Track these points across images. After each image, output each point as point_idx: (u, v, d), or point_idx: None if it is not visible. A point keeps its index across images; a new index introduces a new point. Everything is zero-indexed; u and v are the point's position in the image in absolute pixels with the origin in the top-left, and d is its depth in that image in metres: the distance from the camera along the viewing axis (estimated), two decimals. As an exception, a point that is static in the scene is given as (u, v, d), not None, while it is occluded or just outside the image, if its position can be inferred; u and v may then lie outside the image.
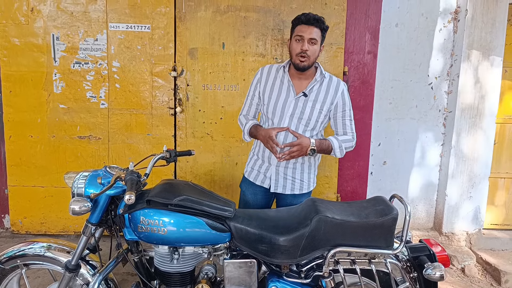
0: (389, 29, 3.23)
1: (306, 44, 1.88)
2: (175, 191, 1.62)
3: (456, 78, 3.23)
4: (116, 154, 3.15)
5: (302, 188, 2.09)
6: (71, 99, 3.08)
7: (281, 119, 2.00)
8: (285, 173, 2.06)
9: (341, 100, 2.04)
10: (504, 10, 3.14)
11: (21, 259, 1.73)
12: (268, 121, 2.07)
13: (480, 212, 3.34)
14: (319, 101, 1.99)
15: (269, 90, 2.04)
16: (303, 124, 2.00)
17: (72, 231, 3.21)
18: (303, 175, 2.08)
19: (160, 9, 3.00)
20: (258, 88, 2.09)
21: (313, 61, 1.95)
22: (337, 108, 2.04)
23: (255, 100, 2.12)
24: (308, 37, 1.88)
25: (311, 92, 2.00)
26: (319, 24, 1.90)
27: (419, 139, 3.39)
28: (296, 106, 1.98)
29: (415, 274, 1.64)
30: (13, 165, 3.12)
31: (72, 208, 1.48)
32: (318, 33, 1.91)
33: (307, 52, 1.89)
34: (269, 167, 2.07)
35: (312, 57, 1.92)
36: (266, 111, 2.06)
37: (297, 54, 1.91)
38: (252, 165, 2.16)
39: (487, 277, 2.99)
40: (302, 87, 2.00)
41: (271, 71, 2.07)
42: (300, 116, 1.98)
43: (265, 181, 2.10)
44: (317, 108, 1.99)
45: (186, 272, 1.69)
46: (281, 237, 1.55)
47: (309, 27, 1.89)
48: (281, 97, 2.00)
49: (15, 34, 2.99)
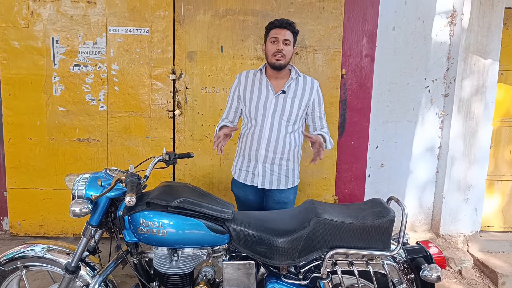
0: (386, 32, 3.26)
1: (281, 44, 2.05)
2: (174, 193, 1.63)
3: (452, 81, 3.26)
4: (115, 156, 3.16)
5: (287, 183, 2.21)
6: (70, 102, 3.09)
7: (264, 117, 2.13)
8: (271, 169, 2.17)
9: (317, 96, 2.21)
10: (500, 14, 3.17)
11: (21, 261, 1.73)
12: (251, 121, 2.18)
13: (477, 214, 3.37)
14: (297, 97, 2.15)
15: (249, 92, 2.18)
16: (285, 120, 2.13)
17: (71, 233, 3.22)
18: (288, 171, 2.21)
19: (159, 12, 3.02)
20: (237, 92, 2.23)
21: (288, 60, 2.11)
22: (314, 104, 2.21)
23: (234, 104, 2.26)
24: (282, 38, 2.06)
25: (289, 89, 2.15)
26: (291, 28, 2.09)
27: (416, 142, 3.41)
28: (277, 103, 2.12)
29: (412, 275, 1.65)
30: (12, 168, 3.13)
31: (73, 210, 1.49)
32: (290, 35, 2.09)
33: (283, 51, 2.05)
34: (256, 165, 2.18)
35: (287, 56, 2.08)
36: (248, 112, 2.18)
37: (273, 54, 2.07)
38: (239, 166, 2.26)
39: (484, 279, 3.01)
40: (280, 86, 2.15)
41: (249, 75, 2.22)
42: (282, 112, 2.12)
43: (254, 179, 2.20)
44: (296, 104, 2.14)
45: (185, 273, 1.70)
46: (280, 239, 1.57)
47: (283, 30, 2.07)
48: (262, 96, 2.14)
49: (15, 37, 3.00)
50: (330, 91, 3.14)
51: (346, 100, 3.26)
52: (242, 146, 2.24)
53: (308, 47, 3.10)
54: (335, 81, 3.14)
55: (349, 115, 3.28)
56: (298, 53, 3.11)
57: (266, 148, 2.13)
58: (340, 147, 3.27)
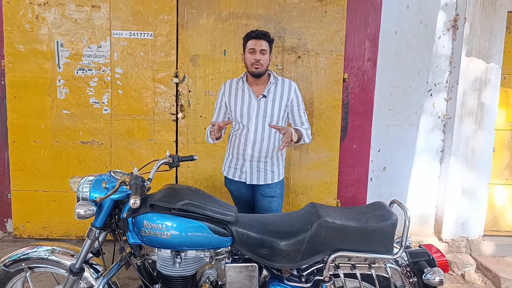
0: (388, 36, 3.27)
1: (258, 54, 2.21)
2: (178, 196, 1.65)
3: (455, 85, 3.27)
4: (118, 159, 3.18)
5: (274, 178, 2.38)
6: (74, 105, 3.11)
7: (249, 120, 2.31)
8: (258, 166, 2.34)
9: (295, 96, 2.36)
10: (503, 18, 3.18)
11: (26, 262, 1.75)
12: (238, 124, 2.35)
13: (480, 219, 3.36)
14: (277, 100, 2.32)
15: (233, 99, 2.35)
16: (268, 121, 2.31)
17: (74, 235, 3.23)
18: (273, 167, 2.38)
19: (163, 16, 3.05)
20: (223, 100, 2.40)
21: (266, 68, 2.27)
22: (293, 104, 2.36)
23: (222, 110, 2.43)
24: (259, 48, 2.22)
25: (269, 93, 2.32)
26: (266, 38, 2.24)
27: (419, 146, 3.41)
28: (259, 107, 2.30)
29: (414, 279, 1.65)
30: (16, 170, 3.15)
31: (78, 212, 1.50)
32: (266, 44, 2.24)
33: (260, 61, 2.21)
34: (244, 163, 2.35)
35: (265, 64, 2.25)
36: (234, 116, 2.36)
37: (252, 64, 2.23)
38: (228, 164, 2.44)
39: (487, 284, 3.00)
40: (260, 91, 2.32)
41: (232, 84, 2.39)
42: (264, 115, 2.30)
43: (242, 176, 2.37)
44: (277, 106, 2.31)
45: (188, 276, 1.71)
46: (282, 242, 1.58)
47: (259, 40, 2.22)
48: (245, 102, 2.32)
49: (20, 41, 3.03)
50: (332, 94, 3.15)
51: (348, 104, 3.27)
52: (231, 146, 2.42)
53: (311, 50, 3.12)
54: (337, 85, 3.15)
55: (351, 118, 3.29)
56: (301, 57, 3.12)
57: (252, 148, 2.31)
58: (342, 151, 3.28)
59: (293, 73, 3.14)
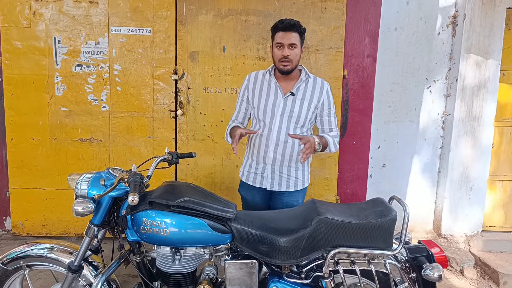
0: (388, 33, 3.26)
1: (286, 49, 1.97)
2: (177, 193, 1.64)
3: (454, 82, 3.26)
4: (117, 156, 3.17)
5: (297, 185, 2.15)
6: (72, 102, 3.10)
7: (272, 119, 2.07)
8: (280, 171, 2.12)
9: (327, 98, 2.13)
10: (502, 15, 3.17)
11: (24, 260, 1.74)
12: (259, 122, 2.13)
13: (478, 214, 3.37)
14: (306, 99, 2.08)
15: (257, 94, 2.13)
16: (294, 122, 2.07)
17: (73, 233, 3.22)
18: (298, 173, 2.15)
19: (162, 12, 3.03)
20: (246, 94, 2.18)
21: (296, 64, 2.04)
22: (323, 106, 2.13)
23: (243, 105, 2.21)
24: (287, 43, 1.96)
25: (298, 91, 2.08)
26: (296, 29, 1.97)
27: (418, 142, 3.41)
28: (286, 105, 2.07)
29: (413, 274, 1.66)
30: (14, 168, 3.14)
31: (76, 209, 1.50)
32: (296, 37, 1.98)
33: (289, 56, 1.97)
34: (265, 167, 2.13)
35: (294, 61, 2.01)
36: (257, 114, 2.13)
37: (279, 60, 2.00)
38: (248, 168, 2.21)
39: (486, 279, 3.01)
40: (289, 88, 2.09)
41: (258, 77, 2.16)
42: (290, 115, 2.06)
43: (263, 182, 2.15)
44: (305, 106, 2.07)
45: (187, 273, 1.71)
46: (282, 238, 1.57)
47: (287, 33, 1.96)
48: (270, 98, 2.09)
49: (17, 37, 3.02)
50: (332, 91, 3.12)
51: (348, 100, 3.26)
52: (251, 148, 2.19)
53: (310, 47, 3.10)
54: (337, 82, 3.14)
55: (351, 115, 3.28)
56: (300, 53, 3.11)
57: (275, 150, 2.07)
58: (342, 147, 3.27)
59: (292, 70, 3.13)
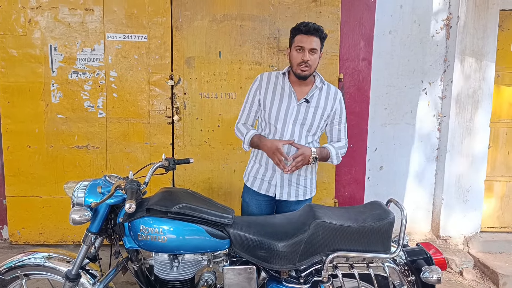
0: (382, 36, 3.28)
1: (307, 54, 1.90)
2: (174, 199, 1.64)
3: (449, 83, 3.28)
4: (114, 163, 3.16)
5: (306, 194, 2.11)
6: (69, 109, 3.09)
7: (284, 125, 2.01)
8: (290, 179, 2.06)
9: (339, 107, 2.09)
10: (495, 17, 3.20)
11: (21, 270, 1.73)
12: (270, 127, 2.06)
13: (476, 216, 3.37)
14: (321, 107, 2.03)
15: (270, 96, 2.05)
16: (305, 130, 2.02)
17: (71, 241, 3.20)
18: (306, 181, 2.11)
19: (157, 19, 3.03)
20: (257, 95, 2.08)
21: (314, 70, 1.99)
22: (335, 115, 2.09)
23: (254, 107, 2.11)
24: (308, 47, 1.90)
25: (312, 98, 2.03)
26: (318, 34, 1.92)
27: (415, 144, 3.42)
28: (299, 112, 2.01)
29: (413, 277, 1.66)
30: (11, 176, 3.12)
31: (73, 217, 1.49)
32: (317, 42, 1.93)
33: (309, 62, 1.91)
34: (274, 174, 2.06)
35: (313, 66, 1.96)
36: (268, 118, 2.05)
37: (298, 64, 1.93)
38: (254, 173, 2.13)
39: (485, 280, 3.01)
40: (303, 94, 2.03)
41: (271, 78, 2.08)
42: (303, 122, 2.01)
43: (270, 189, 2.08)
44: (319, 114, 2.03)
45: (186, 279, 1.70)
46: (280, 243, 1.57)
47: (309, 37, 1.90)
48: (283, 103, 2.02)
49: (13, 45, 3.01)
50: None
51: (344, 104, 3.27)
52: (259, 153, 2.10)
53: (306, 51, 3.11)
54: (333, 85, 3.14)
55: (348, 118, 3.21)
56: (296, 58, 3.12)
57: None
58: (339, 150, 3.27)
59: (288, 74, 3.13)
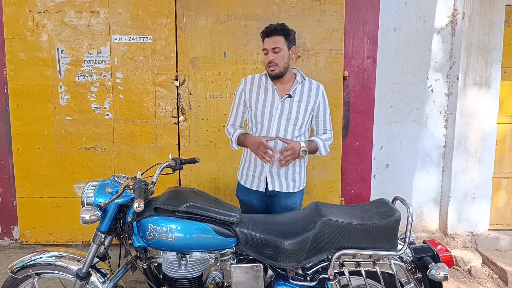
0: (387, 33, 3.27)
1: (270, 54, 2.02)
2: (181, 198, 1.66)
3: (455, 80, 3.27)
4: (122, 163, 3.19)
5: (295, 186, 2.18)
6: (76, 111, 3.13)
7: (270, 121, 2.11)
8: (278, 174, 2.14)
9: (323, 100, 2.19)
10: (501, 12, 3.18)
11: (33, 269, 1.76)
12: (257, 125, 2.16)
13: (484, 213, 3.35)
14: (304, 101, 2.12)
15: (254, 96, 2.16)
16: (292, 124, 2.11)
17: (80, 240, 3.25)
18: (295, 175, 2.18)
19: (161, 20, 3.06)
20: (243, 97, 2.20)
21: (285, 66, 2.06)
22: (319, 108, 2.19)
23: (240, 109, 2.23)
24: (270, 47, 2.02)
25: (295, 93, 2.12)
26: (278, 32, 2.01)
27: (421, 142, 3.41)
28: (283, 107, 2.10)
29: (419, 274, 1.66)
30: (21, 177, 3.17)
31: (83, 217, 1.52)
32: (281, 40, 2.01)
33: (274, 60, 2.02)
34: (263, 169, 2.15)
35: (281, 64, 2.04)
36: (254, 116, 2.15)
37: (267, 65, 2.06)
38: (245, 171, 2.23)
39: (494, 278, 2.99)
40: (286, 90, 2.12)
41: (254, 80, 2.20)
42: (288, 117, 2.10)
43: (260, 185, 2.17)
44: (303, 107, 2.12)
45: (193, 277, 1.72)
46: (286, 241, 1.58)
47: (271, 38, 2.02)
48: (268, 100, 2.12)
49: (21, 49, 3.06)
50: (333, 93, 3.15)
51: (349, 102, 3.27)
52: (248, 150, 2.18)
53: (310, 50, 3.12)
54: (337, 83, 3.15)
55: (353, 116, 3.29)
56: (301, 56, 3.13)
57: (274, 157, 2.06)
58: (344, 149, 3.28)
59: (293, 73, 3.14)
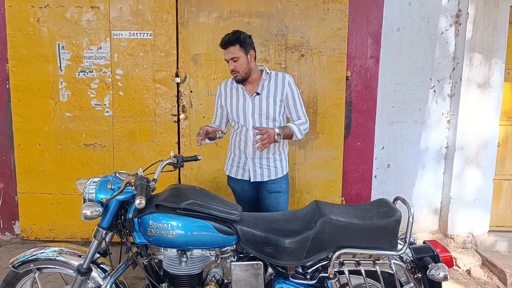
0: (391, 33, 3.26)
1: (231, 64, 2.21)
2: (182, 196, 1.66)
3: (458, 81, 3.26)
4: (121, 161, 3.18)
5: (277, 173, 2.36)
6: (76, 107, 3.13)
7: (245, 118, 2.30)
8: (260, 163, 2.33)
9: (289, 89, 2.32)
10: (505, 13, 3.16)
11: (34, 263, 1.77)
12: (237, 124, 2.36)
13: (485, 214, 3.35)
14: (271, 95, 2.29)
15: (229, 99, 2.36)
16: (265, 118, 2.29)
17: (80, 237, 3.23)
18: (276, 163, 2.36)
19: (162, 15, 3.04)
20: (220, 102, 2.44)
21: (246, 71, 2.23)
22: (288, 97, 2.32)
23: (219, 111, 2.47)
24: (229, 58, 2.20)
25: (263, 89, 2.29)
26: (232, 42, 2.17)
27: (423, 142, 3.40)
28: (254, 105, 2.29)
29: (419, 274, 1.66)
30: (22, 173, 3.17)
31: (84, 213, 1.52)
32: (235, 49, 2.18)
33: (235, 69, 2.20)
34: (246, 161, 2.34)
35: (241, 70, 2.21)
36: (232, 116, 2.38)
37: (231, 73, 2.25)
38: (231, 162, 2.44)
39: (493, 279, 2.99)
40: (254, 89, 2.30)
41: (227, 85, 2.40)
42: (260, 112, 2.28)
43: (245, 174, 2.36)
44: (271, 101, 2.28)
45: (194, 274, 1.72)
46: (287, 240, 1.58)
47: (226, 50, 2.20)
48: (240, 101, 2.32)
49: (23, 45, 3.06)
50: (335, 92, 3.15)
51: (351, 102, 3.27)
52: (232, 145, 2.42)
53: (313, 48, 3.11)
54: (340, 83, 3.15)
55: (355, 116, 3.29)
56: (304, 55, 3.12)
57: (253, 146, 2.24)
58: (346, 149, 3.27)
59: (296, 72, 3.13)
